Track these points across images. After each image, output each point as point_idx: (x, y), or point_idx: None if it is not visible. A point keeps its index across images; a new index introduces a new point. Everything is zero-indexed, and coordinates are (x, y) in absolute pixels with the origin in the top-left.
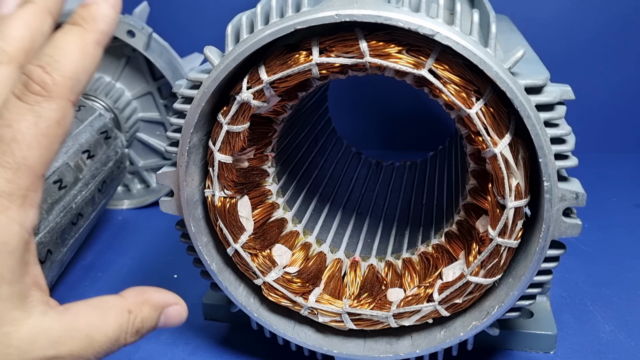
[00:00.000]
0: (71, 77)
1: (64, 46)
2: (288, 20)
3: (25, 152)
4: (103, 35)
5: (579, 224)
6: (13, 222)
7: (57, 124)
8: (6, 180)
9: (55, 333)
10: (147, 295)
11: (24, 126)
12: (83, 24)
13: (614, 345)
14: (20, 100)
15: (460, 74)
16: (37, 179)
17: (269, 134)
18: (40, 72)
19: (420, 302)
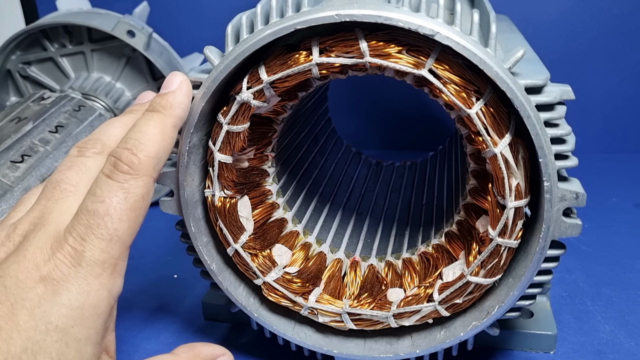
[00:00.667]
0: (154, 157)
1: (147, 130)
2: (288, 20)
3: (117, 225)
4: (179, 120)
5: (579, 224)
6: (104, 287)
7: (142, 198)
8: (101, 250)
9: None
10: (197, 350)
11: (116, 201)
12: (162, 110)
13: (614, 345)
14: (110, 179)
15: (461, 74)
16: (126, 249)
17: (269, 134)
18: (128, 154)
19: (420, 302)
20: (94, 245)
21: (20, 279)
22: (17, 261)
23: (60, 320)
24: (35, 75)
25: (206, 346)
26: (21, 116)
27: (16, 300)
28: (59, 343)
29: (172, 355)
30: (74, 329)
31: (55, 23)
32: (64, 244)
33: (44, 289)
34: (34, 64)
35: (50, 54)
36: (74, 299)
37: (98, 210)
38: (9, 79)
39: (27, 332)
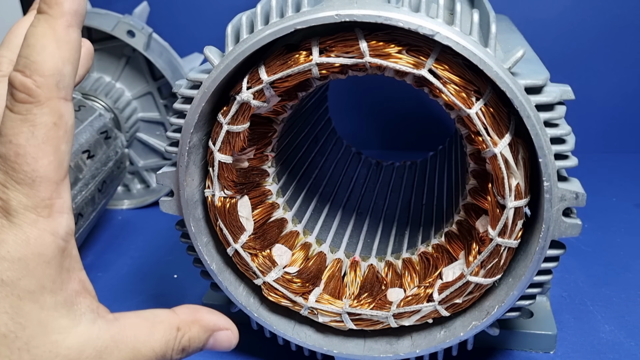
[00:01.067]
0: (53, 74)
1: (35, 42)
2: (288, 20)
3: (33, 165)
4: (74, 16)
5: (578, 224)
6: (44, 232)
7: (54, 126)
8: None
9: (102, 343)
10: (199, 315)
11: (23, 139)
12: (48, 9)
13: (613, 345)
14: (12, 113)
15: (460, 74)
16: (57, 185)
17: (269, 134)
18: (21, 78)
19: (420, 302)
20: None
21: None
22: None
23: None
24: None
25: (211, 314)
26: None
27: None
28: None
29: (169, 312)
30: (22, 281)
31: None
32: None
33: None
34: None
35: None
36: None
37: (8, 153)
38: None
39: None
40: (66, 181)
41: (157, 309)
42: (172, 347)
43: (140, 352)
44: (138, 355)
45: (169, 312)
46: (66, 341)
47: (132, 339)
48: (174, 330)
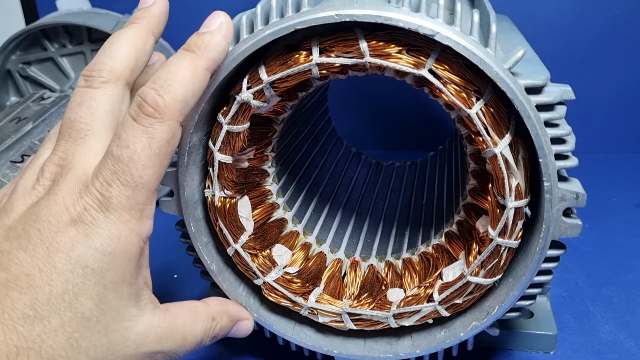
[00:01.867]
0: (181, 100)
1: (177, 71)
2: (288, 20)
3: (142, 172)
4: (213, 63)
5: (579, 224)
6: (133, 232)
7: (167, 143)
8: (126, 197)
9: (162, 331)
10: (228, 306)
11: (140, 147)
12: (196, 51)
13: (614, 345)
14: (135, 122)
15: (461, 74)
16: (152, 194)
17: (269, 134)
18: (154, 95)
19: (420, 302)
20: (119, 192)
21: (52, 223)
22: (48, 205)
23: (96, 264)
24: (35, 75)
25: (235, 305)
26: (21, 116)
27: (51, 243)
28: (98, 286)
29: (204, 304)
30: (109, 272)
31: (55, 23)
32: (91, 188)
33: (76, 232)
34: (34, 64)
35: (50, 54)
36: (106, 245)
37: (123, 156)
38: (9, 79)
39: (66, 274)
40: (156, 192)
41: (193, 301)
42: (208, 334)
43: (187, 339)
44: (185, 342)
45: (204, 304)
46: (135, 328)
47: (182, 328)
48: (210, 320)
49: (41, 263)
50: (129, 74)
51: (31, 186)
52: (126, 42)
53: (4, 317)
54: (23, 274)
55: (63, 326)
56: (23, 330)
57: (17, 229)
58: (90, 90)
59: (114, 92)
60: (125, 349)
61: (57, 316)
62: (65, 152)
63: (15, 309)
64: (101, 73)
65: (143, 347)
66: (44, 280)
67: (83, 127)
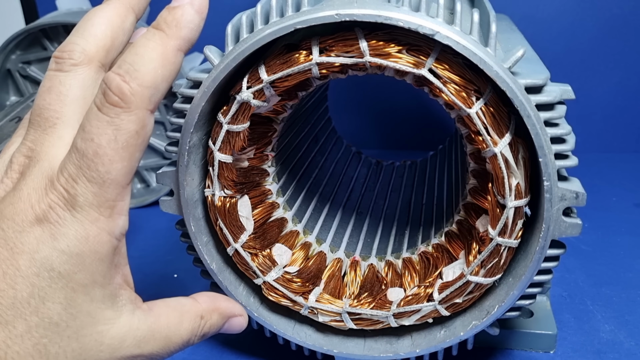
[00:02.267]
0: (149, 86)
1: (144, 53)
2: (288, 19)
3: (108, 167)
4: (185, 42)
5: (579, 224)
6: (103, 231)
7: (136, 134)
8: (93, 194)
9: (141, 333)
10: (218, 303)
11: (105, 140)
12: (166, 29)
13: (614, 344)
14: (100, 112)
15: (461, 73)
16: (123, 189)
17: (269, 134)
18: (119, 81)
19: (420, 302)
20: (86, 189)
21: (16, 222)
22: (12, 202)
23: (62, 267)
24: (36, 75)
25: (227, 301)
26: (21, 116)
27: (15, 244)
28: (65, 289)
29: (192, 301)
30: (77, 275)
31: (55, 22)
32: (57, 184)
33: (41, 232)
34: (34, 63)
35: (50, 54)
36: (72, 246)
37: (87, 150)
38: (9, 78)
39: (30, 278)
40: (129, 186)
41: (180, 297)
42: (196, 334)
43: (171, 340)
44: (169, 343)
45: (192, 301)
46: (110, 331)
47: (165, 329)
48: (198, 319)
49: (5, 265)
50: (103, 55)
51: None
52: (102, 20)
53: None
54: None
55: (29, 331)
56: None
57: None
58: (60, 74)
59: (85, 76)
60: (100, 354)
61: (22, 321)
62: (34, 142)
63: None
64: (72, 54)
65: (120, 351)
66: (8, 284)
67: (52, 115)
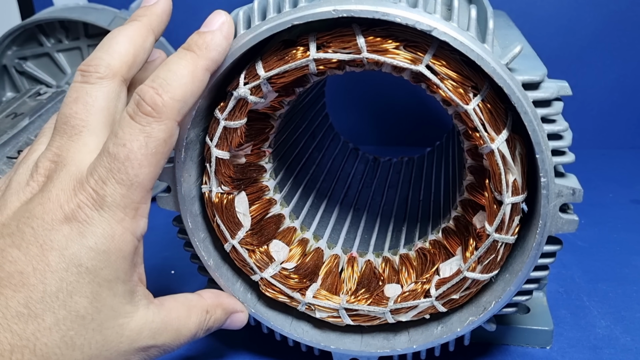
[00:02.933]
0: (180, 100)
1: (176, 70)
2: (285, 15)
3: (137, 170)
4: (213, 63)
5: (575, 220)
6: (127, 231)
7: (164, 142)
8: (121, 195)
9: (155, 326)
10: (222, 299)
11: (136, 146)
12: (197, 50)
13: (609, 340)
14: (133, 120)
15: (458, 69)
16: (147, 193)
17: (266, 130)
18: (153, 94)
19: (417, 298)
20: (114, 190)
21: (46, 220)
22: (41, 202)
23: (90, 263)
24: (32, 71)
25: (229, 298)
26: (17, 112)
27: (45, 241)
28: (92, 284)
29: (198, 297)
30: (103, 271)
31: (52, 18)
32: (86, 186)
33: (70, 230)
34: (30, 59)
35: (46, 50)
36: (100, 243)
37: (119, 154)
38: (5, 74)
39: (60, 273)
40: (151, 191)
41: (187, 293)
42: (202, 327)
43: (181, 332)
44: (180, 336)
45: (198, 297)
46: (130, 324)
47: (175, 322)
48: (204, 313)
49: (35, 261)
50: (126, 71)
51: (25, 182)
52: (125, 38)
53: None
54: (17, 272)
55: (57, 324)
56: (17, 328)
57: (10, 226)
58: (87, 85)
59: (110, 89)
60: (120, 345)
61: (51, 314)
62: (60, 148)
63: (9, 307)
64: (98, 68)
65: (137, 342)
66: (38, 279)
67: (78, 123)
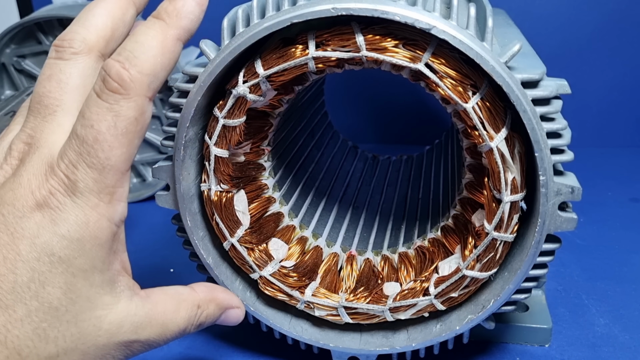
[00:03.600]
0: (149, 74)
1: (144, 41)
2: (284, 13)
3: (108, 153)
4: (185, 32)
5: (574, 218)
6: (102, 217)
7: (135, 121)
8: (93, 180)
9: (138, 319)
10: (216, 294)
11: (104, 127)
12: (166, 18)
13: (608, 338)
14: (99, 99)
15: (457, 68)
16: (122, 175)
17: (265, 128)
18: (119, 68)
19: (416, 296)
20: (86, 174)
21: (17, 207)
22: (12, 188)
23: (62, 252)
24: (30, 69)
25: (225, 292)
26: (16, 110)
27: (15, 229)
28: (65, 274)
29: (190, 290)
30: (77, 260)
31: (50, 16)
32: (57, 171)
33: (42, 217)
34: (28, 57)
35: (45, 48)
36: (73, 231)
37: (87, 136)
38: (4, 72)
39: (31, 262)
40: (129, 172)
41: (178, 286)
42: (192, 322)
43: (167, 327)
44: (166, 331)
45: (189, 290)
46: (109, 317)
47: (161, 316)
48: (195, 308)
49: (5, 250)
50: (103, 45)
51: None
52: (103, 11)
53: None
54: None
55: (29, 316)
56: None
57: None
58: (60, 62)
59: (85, 65)
60: (98, 338)
61: (22, 305)
62: (34, 129)
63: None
64: (72, 43)
65: (117, 336)
66: (8, 268)
67: (52, 103)
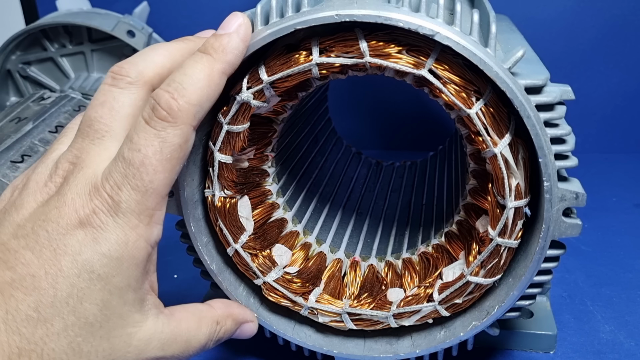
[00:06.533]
0: (195, 104)
1: (192, 74)
2: (288, 20)
3: (152, 176)
4: (230, 66)
5: (579, 224)
6: (141, 238)
7: (179, 147)
8: (136, 201)
9: (165, 337)
10: (232, 309)
11: (151, 151)
12: (213, 53)
13: (614, 345)
14: (148, 125)
15: (460, 74)
16: (162, 199)
17: (269, 134)
18: (168, 98)
19: (420, 302)
20: (129, 196)
21: (60, 224)
22: (57, 206)
23: (102, 270)
24: (35, 75)
25: (240, 308)
26: (21, 116)
27: (58, 246)
28: (103, 291)
29: (209, 307)
30: (115, 278)
31: (55, 23)
32: (101, 191)
33: (84, 235)
34: (34, 64)
35: (50, 54)
36: (113, 250)
37: (134, 159)
38: (9, 79)
39: (71, 278)
40: (167, 197)
41: (197, 304)
42: (212, 338)
43: (190, 344)
44: (189, 347)
45: (208, 307)
46: (138, 334)
47: (185, 333)
48: (215, 324)
49: (47, 265)
50: (157, 81)
51: (43, 182)
52: (165, 52)
53: (8, 318)
54: (29, 275)
55: (66, 330)
56: (26, 331)
57: (25, 227)
58: (115, 90)
59: (138, 96)
60: (127, 354)
61: (60, 320)
62: (80, 150)
63: (19, 309)
64: (129, 73)
65: (145, 353)
66: (49, 283)
67: (102, 128)
